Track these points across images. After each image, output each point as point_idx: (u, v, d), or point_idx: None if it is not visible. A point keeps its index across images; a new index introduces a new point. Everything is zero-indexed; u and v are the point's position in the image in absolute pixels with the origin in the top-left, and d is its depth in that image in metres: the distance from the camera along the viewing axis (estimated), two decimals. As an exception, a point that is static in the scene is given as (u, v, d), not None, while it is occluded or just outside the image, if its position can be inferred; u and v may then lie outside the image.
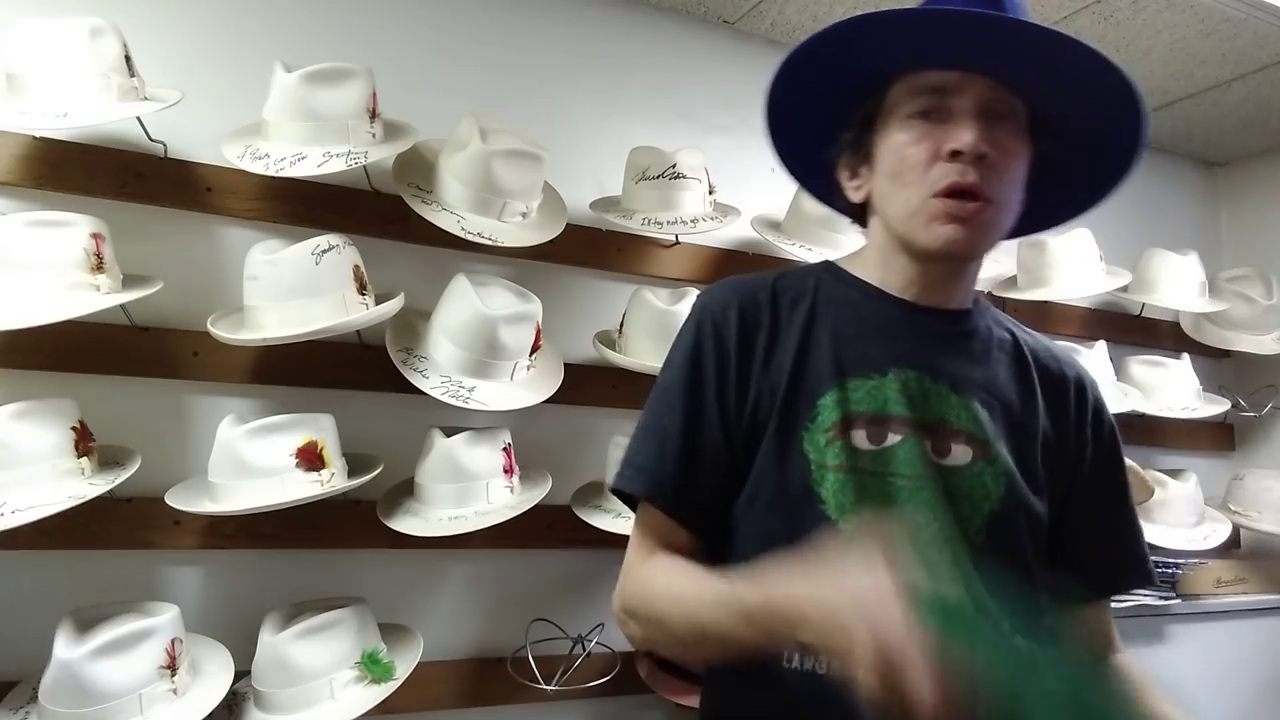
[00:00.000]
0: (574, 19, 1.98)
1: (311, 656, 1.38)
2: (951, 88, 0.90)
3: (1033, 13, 0.95)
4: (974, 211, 0.89)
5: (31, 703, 1.29)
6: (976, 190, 0.89)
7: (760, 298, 0.99)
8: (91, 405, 1.41)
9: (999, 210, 0.91)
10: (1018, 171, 0.93)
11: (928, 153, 0.90)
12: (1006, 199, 0.92)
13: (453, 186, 1.61)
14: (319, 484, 1.41)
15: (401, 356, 1.58)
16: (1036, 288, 2.27)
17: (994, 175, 0.89)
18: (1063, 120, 0.94)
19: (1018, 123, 0.92)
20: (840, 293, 1.00)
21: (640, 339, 1.76)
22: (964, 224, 0.90)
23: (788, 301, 0.99)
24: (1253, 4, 1.99)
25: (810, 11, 2.06)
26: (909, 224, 0.93)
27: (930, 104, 0.91)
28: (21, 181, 1.46)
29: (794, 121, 1.03)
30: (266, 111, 1.51)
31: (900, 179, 0.92)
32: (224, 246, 1.61)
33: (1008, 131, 0.91)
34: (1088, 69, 0.89)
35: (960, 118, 0.89)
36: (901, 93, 0.93)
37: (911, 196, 0.91)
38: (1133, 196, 2.91)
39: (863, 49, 0.93)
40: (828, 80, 0.96)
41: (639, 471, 0.96)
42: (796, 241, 1.93)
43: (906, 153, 0.91)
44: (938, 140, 0.89)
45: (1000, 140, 0.90)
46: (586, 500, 1.76)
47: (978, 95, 0.90)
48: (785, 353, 0.95)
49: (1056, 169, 0.97)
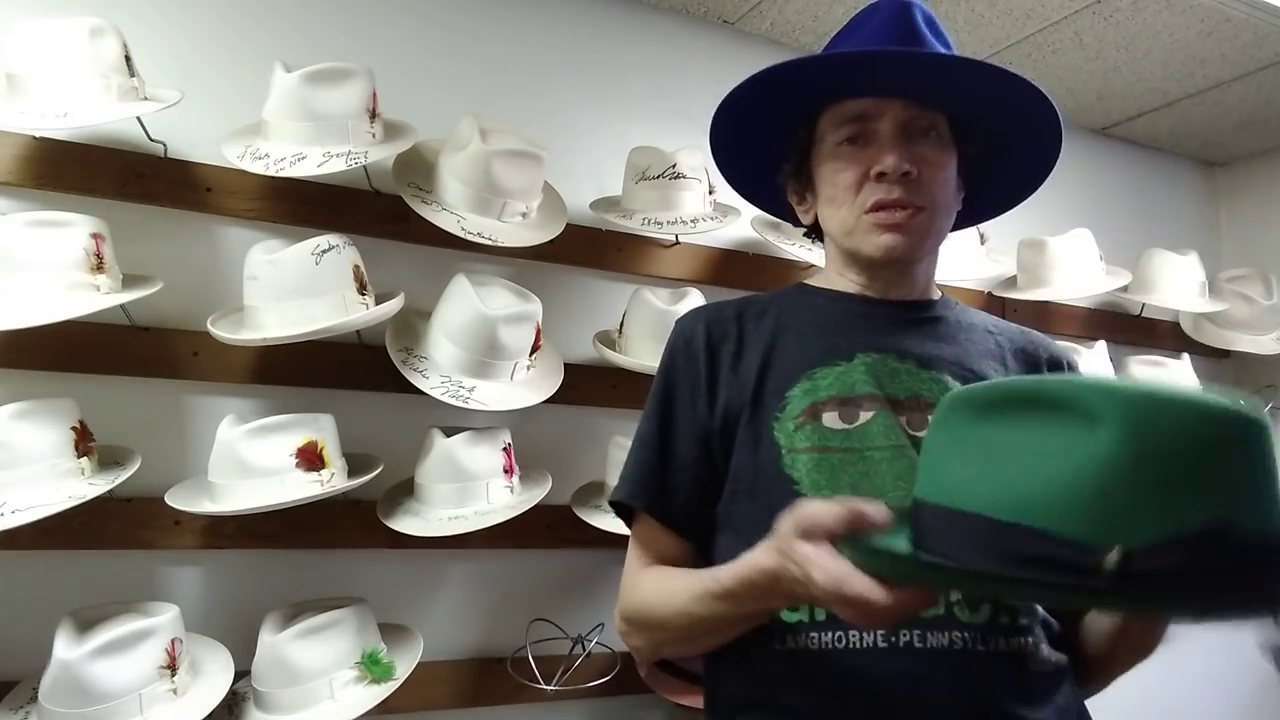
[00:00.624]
0: (574, 19, 1.98)
1: (311, 656, 1.38)
2: (871, 113, 0.99)
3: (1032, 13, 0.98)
4: (905, 218, 0.98)
5: (31, 703, 1.29)
6: (903, 203, 0.97)
7: (726, 313, 1.07)
8: (91, 405, 1.41)
9: (931, 214, 1.00)
10: (945, 178, 1.01)
11: (856, 177, 0.99)
12: (937, 203, 1.00)
13: (453, 186, 1.61)
14: (319, 484, 1.41)
15: (401, 356, 1.58)
16: (1036, 288, 2.27)
17: (918, 187, 0.98)
18: (983, 126, 1.02)
19: (939, 134, 1.01)
20: (805, 301, 1.08)
21: (640, 339, 1.76)
22: (898, 230, 0.98)
23: (753, 314, 1.07)
24: (1253, 4, 1.99)
25: (810, 11, 2.06)
26: (850, 239, 1.02)
27: (854, 131, 1.00)
28: (21, 181, 1.46)
29: (741, 157, 1.13)
30: (266, 111, 1.51)
31: (835, 202, 1.02)
32: (224, 246, 1.61)
33: (930, 145, 1.00)
34: (995, 83, 0.98)
35: (882, 141, 0.98)
36: (828, 122, 1.02)
37: (847, 216, 1.01)
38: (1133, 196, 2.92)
39: (788, 89, 1.02)
40: (761, 120, 1.06)
41: (624, 481, 1.05)
42: (796, 241, 1.93)
43: (838, 179, 1.01)
44: (864, 163, 0.98)
45: (923, 154, 0.98)
46: (586, 500, 1.76)
47: (895, 118, 0.98)
48: (753, 355, 1.02)
49: (992, 163, 1.05)
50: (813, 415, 0.95)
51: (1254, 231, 2.85)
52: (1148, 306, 2.47)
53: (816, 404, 0.96)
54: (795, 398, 0.97)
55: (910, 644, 0.87)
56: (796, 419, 0.96)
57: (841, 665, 0.88)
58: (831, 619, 0.89)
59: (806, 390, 0.97)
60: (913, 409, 0.96)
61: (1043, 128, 1.03)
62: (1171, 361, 2.36)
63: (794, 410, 0.96)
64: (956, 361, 1.00)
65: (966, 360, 1.01)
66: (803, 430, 0.95)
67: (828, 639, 0.89)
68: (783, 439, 0.96)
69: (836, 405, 0.95)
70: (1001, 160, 1.06)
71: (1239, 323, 2.52)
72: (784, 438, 0.96)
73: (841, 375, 0.98)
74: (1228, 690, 2.41)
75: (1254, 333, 2.51)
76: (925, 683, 0.86)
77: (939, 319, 1.05)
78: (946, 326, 1.05)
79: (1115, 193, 2.71)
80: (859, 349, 0.99)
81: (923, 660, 0.86)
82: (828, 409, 0.95)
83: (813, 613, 0.90)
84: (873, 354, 0.99)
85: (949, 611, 0.88)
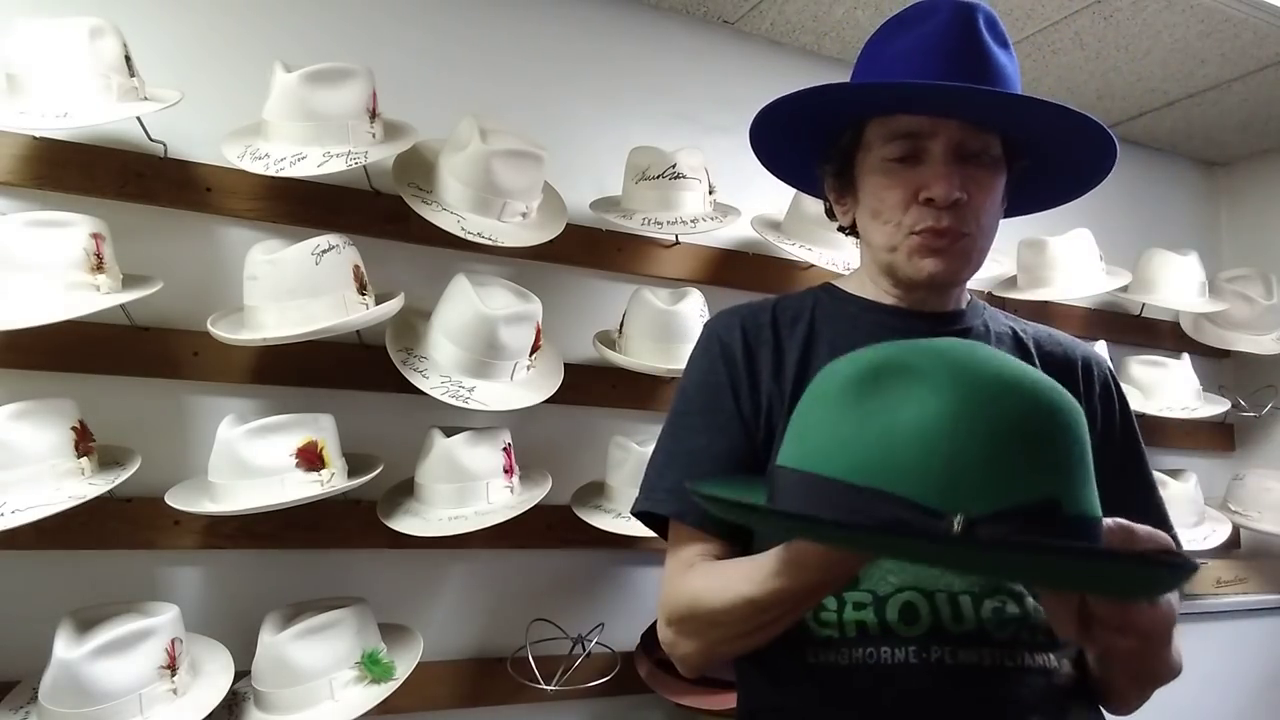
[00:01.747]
0: (574, 19, 1.98)
1: (311, 656, 1.37)
2: (924, 132, 0.95)
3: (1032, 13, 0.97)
4: (950, 243, 0.95)
5: (31, 703, 1.29)
6: (952, 231, 0.94)
7: (762, 319, 1.04)
8: (91, 405, 1.41)
9: (976, 239, 0.97)
10: (993, 201, 0.98)
11: (904, 197, 0.95)
12: (984, 229, 0.97)
13: (453, 186, 1.61)
14: (319, 484, 1.41)
15: (401, 356, 1.58)
16: (1036, 288, 2.27)
17: (969, 213, 0.95)
18: (1036, 144, 0.99)
19: (991, 155, 0.97)
20: (837, 309, 1.05)
21: (640, 339, 1.76)
22: (942, 256, 0.96)
23: (788, 320, 1.04)
24: (1253, 4, 1.99)
25: (810, 11, 2.06)
26: (892, 257, 0.99)
27: (905, 149, 0.96)
28: (21, 181, 1.46)
29: (780, 147, 1.09)
30: (266, 111, 1.51)
31: (880, 218, 0.98)
32: (224, 246, 1.61)
33: (981, 166, 0.96)
34: (1051, 114, 0.94)
35: (933, 162, 0.94)
36: (877, 133, 0.98)
37: (892, 233, 0.98)
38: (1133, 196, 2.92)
39: (834, 102, 0.98)
40: (804, 118, 1.02)
41: (669, 495, 0.99)
42: (796, 241, 1.93)
43: (884, 195, 0.97)
44: (914, 185, 0.95)
45: (974, 177, 0.95)
46: (586, 500, 1.76)
47: (949, 138, 0.94)
48: (790, 364, 1.00)
49: (1038, 175, 1.03)
50: None
51: (1254, 231, 2.85)
52: (1148, 306, 2.47)
53: None
54: None
55: (941, 660, 0.87)
56: None
57: (871, 681, 0.88)
58: (862, 634, 0.89)
59: None
60: None
61: (1096, 153, 1.01)
62: (1171, 361, 2.36)
63: None
64: None
65: None
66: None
67: (859, 654, 0.89)
68: None
69: None
70: (1048, 174, 1.04)
71: (1239, 323, 2.52)
72: None
73: None
74: (1228, 690, 2.41)
75: (1254, 333, 2.51)
76: (954, 699, 0.86)
77: (969, 330, 1.03)
78: (977, 337, 1.03)
79: (1115, 193, 2.70)
80: None
81: (951, 677, 0.86)
82: None
83: (843, 628, 0.90)
84: None
85: (980, 628, 0.88)
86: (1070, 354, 1.06)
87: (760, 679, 0.98)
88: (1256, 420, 2.63)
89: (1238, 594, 2.48)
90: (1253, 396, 2.61)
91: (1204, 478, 2.40)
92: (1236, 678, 2.44)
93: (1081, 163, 1.03)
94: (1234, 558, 2.57)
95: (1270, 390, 2.60)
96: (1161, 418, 2.31)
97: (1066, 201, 1.11)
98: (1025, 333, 1.07)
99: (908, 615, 0.89)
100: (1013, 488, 0.66)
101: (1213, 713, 2.34)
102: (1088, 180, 1.06)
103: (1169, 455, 2.54)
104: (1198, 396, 2.38)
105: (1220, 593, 2.46)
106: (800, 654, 0.92)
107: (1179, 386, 2.35)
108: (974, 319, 1.05)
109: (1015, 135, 0.98)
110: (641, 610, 1.83)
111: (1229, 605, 2.45)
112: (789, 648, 0.92)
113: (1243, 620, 2.48)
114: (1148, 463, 1.06)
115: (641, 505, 1.02)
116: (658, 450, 1.04)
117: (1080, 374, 1.04)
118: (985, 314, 1.07)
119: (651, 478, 1.03)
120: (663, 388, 1.89)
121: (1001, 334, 1.05)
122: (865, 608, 0.90)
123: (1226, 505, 2.45)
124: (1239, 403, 2.55)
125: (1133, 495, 1.03)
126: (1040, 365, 1.03)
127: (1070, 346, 1.07)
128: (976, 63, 0.94)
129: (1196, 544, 2.23)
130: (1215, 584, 2.46)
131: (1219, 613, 2.43)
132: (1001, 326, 1.07)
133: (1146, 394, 2.31)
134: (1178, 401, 2.32)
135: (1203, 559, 2.38)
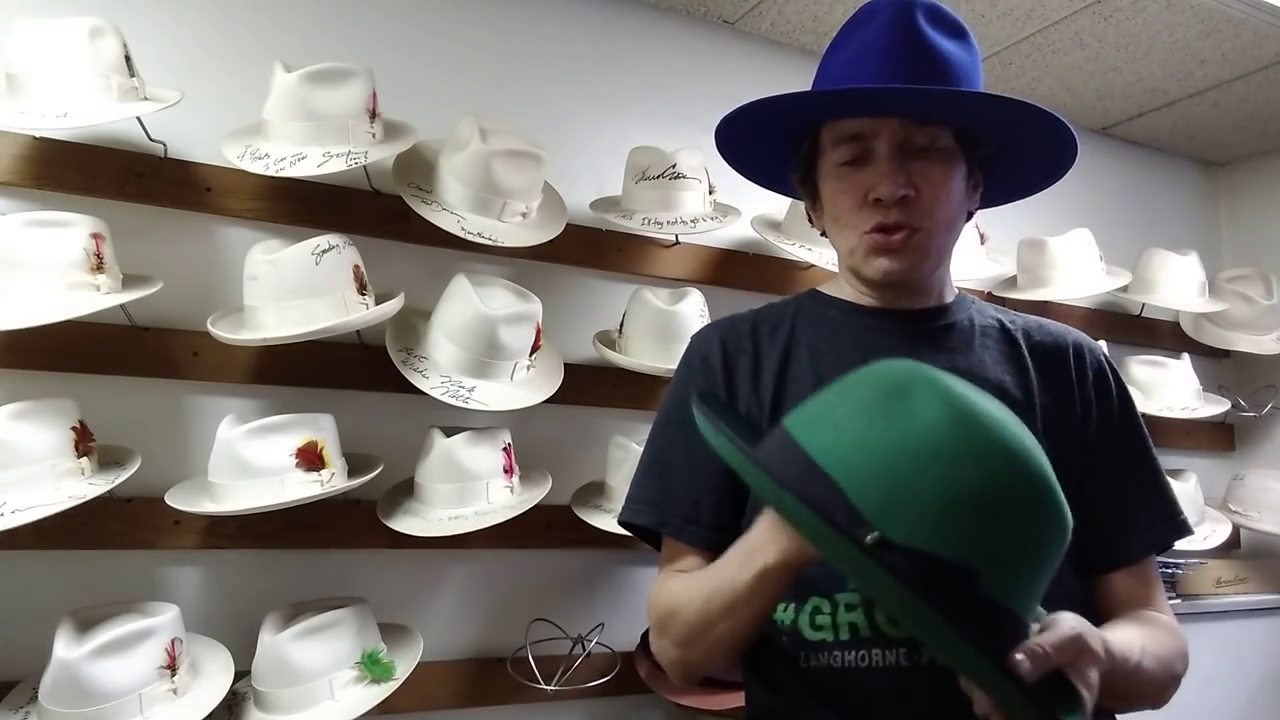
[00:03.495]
0: (574, 19, 1.97)
1: (311, 656, 1.37)
2: (867, 133, 0.96)
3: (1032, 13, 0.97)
4: (900, 241, 0.96)
5: (31, 703, 1.29)
6: (901, 226, 0.95)
7: (741, 329, 1.06)
8: (91, 405, 1.41)
9: (930, 234, 0.97)
10: (946, 194, 0.97)
11: (856, 200, 0.97)
12: (937, 221, 0.98)
13: (453, 186, 1.61)
14: (319, 484, 1.41)
15: (401, 356, 1.58)
16: (1036, 288, 2.27)
17: (918, 208, 0.95)
18: (989, 132, 0.99)
19: (940, 148, 0.97)
20: (818, 312, 1.06)
21: (640, 339, 1.76)
22: (894, 254, 0.97)
23: (768, 329, 1.05)
24: (1253, 4, 1.99)
25: (810, 11, 2.06)
26: (852, 259, 1.01)
27: (852, 152, 0.97)
28: (21, 181, 1.46)
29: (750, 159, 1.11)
30: (266, 111, 1.51)
31: (839, 222, 1.01)
32: (224, 246, 1.61)
33: (930, 160, 0.96)
34: (986, 102, 0.95)
35: (878, 162, 0.95)
36: (828, 139, 1.00)
37: (849, 237, 1.00)
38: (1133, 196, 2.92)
39: (784, 111, 1.00)
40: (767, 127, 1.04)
41: (646, 505, 1.03)
42: (796, 241, 1.93)
43: (839, 200, 0.99)
44: (863, 187, 0.96)
45: (922, 171, 0.95)
46: (586, 500, 1.76)
47: (891, 136, 0.95)
48: (769, 372, 1.01)
49: (1007, 162, 1.02)
50: None
51: (1254, 231, 2.85)
52: (1148, 306, 2.47)
53: None
54: None
55: (932, 661, 0.87)
56: None
57: (864, 684, 0.89)
58: (855, 638, 0.90)
59: None
60: None
61: (1051, 135, 1.00)
62: (1171, 361, 2.36)
63: None
64: (970, 372, 0.97)
65: (980, 370, 0.99)
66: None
67: (850, 658, 0.89)
68: None
69: None
70: (1016, 159, 1.03)
71: (1239, 323, 2.52)
72: None
73: None
74: (1228, 690, 2.41)
75: (1254, 333, 2.51)
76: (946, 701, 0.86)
77: (952, 326, 1.03)
78: (960, 334, 1.02)
79: (1115, 193, 2.71)
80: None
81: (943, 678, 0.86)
82: None
83: (836, 632, 0.91)
84: None
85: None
86: (1060, 342, 1.05)
87: (760, 683, 0.99)
88: (1256, 420, 2.63)
89: (1238, 594, 2.48)
90: (1253, 396, 2.61)
91: (1204, 478, 2.40)
92: (1236, 678, 2.43)
93: (1042, 147, 1.03)
94: (1234, 558, 2.57)
95: (1270, 390, 2.60)
96: (1161, 418, 2.30)
97: (1045, 186, 1.10)
98: (1014, 324, 1.06)
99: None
100: (943, 537, 0.68)
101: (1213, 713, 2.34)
102: (1058, 162, 1.05)
103: (1169, 455, 2.54)
104: (1198, 396, 2.38)
105: (1220, 593, 2.45)
106: (795, 658, 0.93)
107: (1179, 386, 2.35)
108: (958, 314, 1.05)
109: (962, 126, 0.98)
110: (641, 610, 1.82)
111: (1229, 605, 2.45)
112: (785, 652, 0.93)
113: (1243, 620, 2.47)
114: (1151, 448, 1.04)
115: (623, 515, 1.06)
116: (640, 460, 1.07)
117: (1072, 361, 1.03)
118: (973, 308, 1.07)
119: (632, 488, 1.06)
120: (663, 388, 1.87)
121: (987, 327, 1.04)
122: (856, 608, 0.90)
123: (1226, 505, 2.45)
124: (1239, 403, 2.55)
125: (1137, 482, 1.02)
126: (1030, 355, 1.02)
127: (1060, 335, 1.06)
128: (917, 58, 0.94)
129: (1196, 544, 2.23)
130: (1215, 584, 2.46)
131: (1219, 613, 2.42)
132: (988, 320, 1.06)
133: (1146, 394, 2.31)
134: (1178, 401, 2.32)
135: (1202, 559, 2.38)
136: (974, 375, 0.97)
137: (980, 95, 0.95)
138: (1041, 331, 1.06)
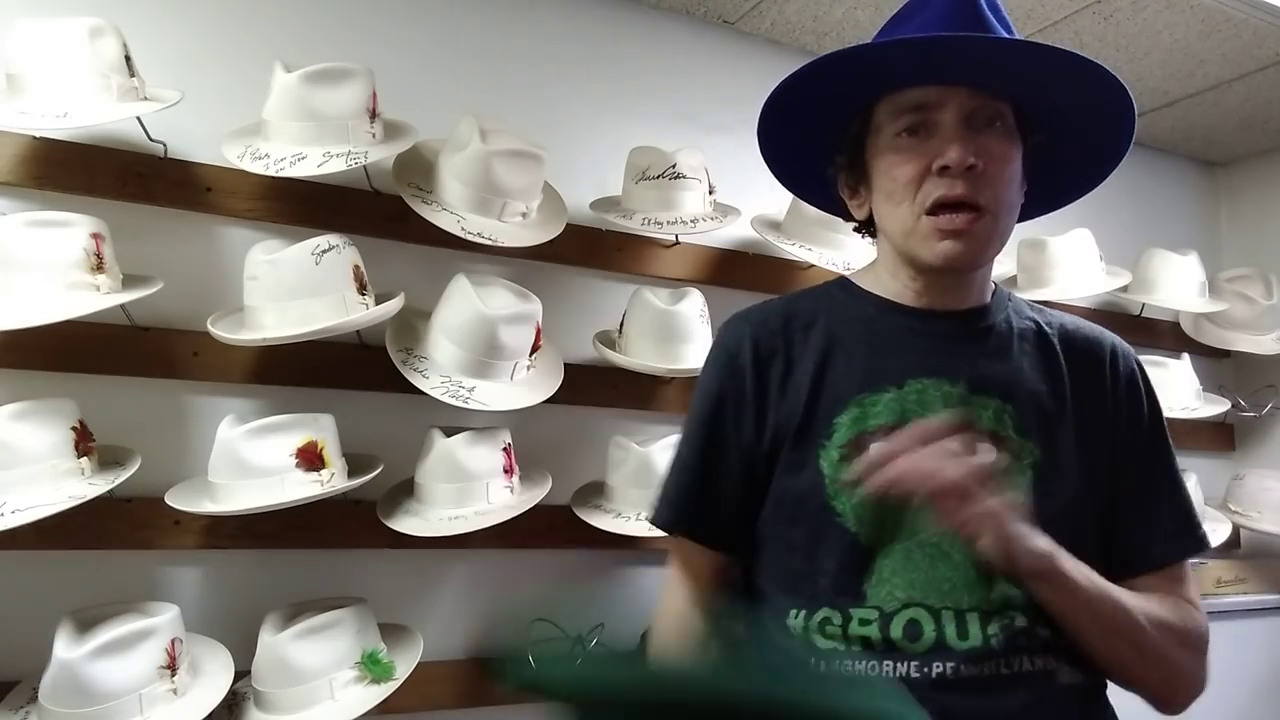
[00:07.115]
0: (574, 19, 1.97)
1: (311, 656, 1.37)
2: (933, 103, 0.92)
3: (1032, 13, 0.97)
4: (968, 223, 0.91)
5: (31, 703, 1.29)
6: (967, 200, 0.90)
7: (772, 324, 1.01)
8: (91, 405, 1.41)
9: (995, 217, 0.93)
10: (1011, 172, 0.94)
11: (917, 170, 0.92)
12: (1002, 203, 0.94)
13: (453, 186, 1.61)
14: (319, 484, 1.41)
15: (401, 356, 1.57)
16: (1036, 288, 2.27)
17: (985, 182, 0.91)
18: (1051, 113, 0.96)
19: (1005, 124, 0.94)
20: (853, 310, 1.02)
21: (640, 339, 1.76)
22: (960, 237, 0.92)
23: (800, 326, 1.01)
24: (1253, 4, 1.99)
25: (810, 11, 2.06)
26: (908, 242, 0.95)
27: (914, 121, 0.93)
28: (21, 181, 1.46)
29: (789, 147, 1.06)
30: (266, 111, 1.51)
31: (894, 199, 0.95)
32: (224, 246, 1.61)
33: (995, 136, 0.93)
34: (1066, 69, 0.92)
35: (944, 132, 0.91)
36: (885, 112, 0.95)
37: (906, 216, 0.94)
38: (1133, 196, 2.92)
39: (841, 79, 0.95)
40: (812, 110, 0.99)
41: (663, 504, 1.04)
42: (796, 241, 1.93)
43: (896, 173, 0.94)
44: (925, 156, 0.92)
45: (988, 146, 0.91)
46: (586, 500, 1.76)
47: (959, 107, 0.91)
48: (802, 376, 0.98)
49: (1055, 155, 0.99)
50: (858, 447, 0.92)
51: (1254, 231, 2.85)
52: (1148, 306, 2.47)
53: (864, 434, 0.93)
54: (843, 425, 0.94)
55: (943, 673, 0.87)
56: (842, 448, 0.93)
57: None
58: (865, 647, 0.90)
59: (855, 418, 0.94)
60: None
61: (1114, 113, 0.97)
62: (1172, 361, 2.36)
63: (840, 439, 0.94)
64: (1008, 382, 0.96)
65: (1019, 379, 0.97)
66: (847, 463, 0.92)
67: (860, 668, 0.89)
68: (827, 469, 0.94)
69: (885, 435, 0.91)
70: (1066, 150, 1.00)
71: (1239, 323, 2.52)
72: (829, 467, 0.94)
73: (891, 403, 0.94)
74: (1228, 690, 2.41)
75: (1254, 333, 2.51)
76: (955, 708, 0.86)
77: (991, 329, 1.00)
78: (999, 339, 1.00)
79: (1115, 193, 2.68)
80: (910, 374, 0.95)
81: (953, 688, 0.86)
82: (876, 439, 0.92)
83: (847, 642, 0.90)
84: (924, 379, 0.95)
85: (986, 643, 0.88)
86: (1097, 344, 1.03)
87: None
88: (1256, 420, 2.63)
89: (1238, 594, 2.48)
90: (1253, 396, 2.61)
91: (1204, 478, 2.39)
92: (1236, 678, 2.43)
93: (1098, 131, 1.00)
94: (1234, 558, 2.57)
95: (1270, 390, 2.60)
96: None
97: (1084, 192, 1.08)
98: (1050, 326, 1.03)
99: (912, 632, 0.89)
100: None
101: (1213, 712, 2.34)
102: (1106, 155, 1.03)
103: (1169, 455, 2.54)
104: (1198, 396, 2.38)
105: (1220, 593, 2.46)
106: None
107: (1179, 386, 2.34)
108: (997, 315, 1.02)
109: (1028, 101, 0.94)
110: (641, 610, 1.82)
111: (1229, 605, 2.45)
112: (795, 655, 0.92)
113: (1243, 620, 2.47)
114: (1175, 462, 1.03)
115: (653, 517, 1.06)
116: (673, 460, 1.06)
117: (1107, 367, 1.01)
118: (1010, 306, 1.04)
119: (659, 487, 1.06)
120: (663, 388, 1.89)
121: (1025, 330, 1.01)
122: (870, 624, 0.90)
123: (1226, 505, 2.45)
124: (1239, 403, 2.55)
125: (1159, 494, 1.00)
126: (1064, 357, 1.00)
127: (1097, 336, 1.04)
128: (983, 30, 0.92)
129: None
130: (1215, 584, 2.46)
131: (1219, 613, 2.42)
132: (1025, 323, 1.03)
133: (1147, 394, 2.31)
134: (1178, 401, 2.32)
135: (1202, 559, 2.38)
136: (1011, 384, 0.96)
137: (1060, 51, 0.90)
138: (1078, 332, 1.04)
